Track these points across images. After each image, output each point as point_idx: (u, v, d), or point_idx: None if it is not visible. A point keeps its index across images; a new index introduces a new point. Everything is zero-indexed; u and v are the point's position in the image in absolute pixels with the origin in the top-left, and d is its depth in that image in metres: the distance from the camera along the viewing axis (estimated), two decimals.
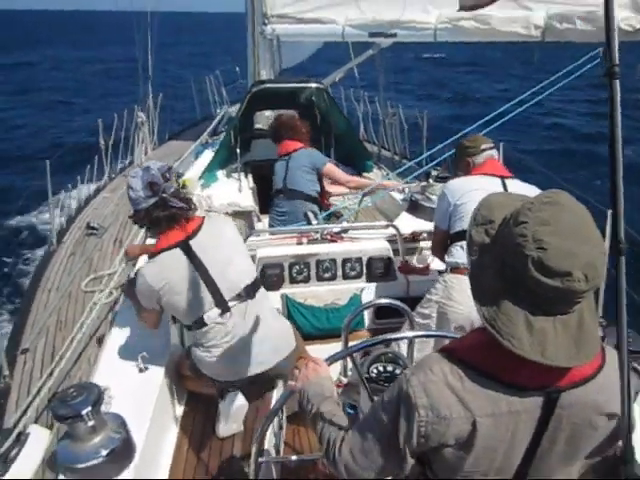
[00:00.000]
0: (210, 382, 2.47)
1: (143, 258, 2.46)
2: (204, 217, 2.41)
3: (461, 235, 2.60)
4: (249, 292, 2.37)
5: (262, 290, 2.49)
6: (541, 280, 0.97)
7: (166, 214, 2.27)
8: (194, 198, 4.68)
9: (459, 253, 2.62)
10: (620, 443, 1.14)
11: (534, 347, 1.00)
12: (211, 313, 2.31)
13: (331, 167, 4.25)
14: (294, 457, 2.21)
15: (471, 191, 2.61)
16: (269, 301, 2.56)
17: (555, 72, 3.87)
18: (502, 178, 2.74)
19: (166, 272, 2.28)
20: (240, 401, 2.43)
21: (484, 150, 2.84)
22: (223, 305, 2.31)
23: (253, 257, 2.99)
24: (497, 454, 1.11)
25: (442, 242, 2.88)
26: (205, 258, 2.29)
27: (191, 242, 2.30)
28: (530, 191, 2.72)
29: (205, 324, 2.32)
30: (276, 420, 2.20)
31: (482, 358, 1.09)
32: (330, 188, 4.38)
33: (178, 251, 2.29)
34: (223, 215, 2.54)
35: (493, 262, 1.06)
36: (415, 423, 1.09)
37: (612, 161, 0.91)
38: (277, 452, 2.30)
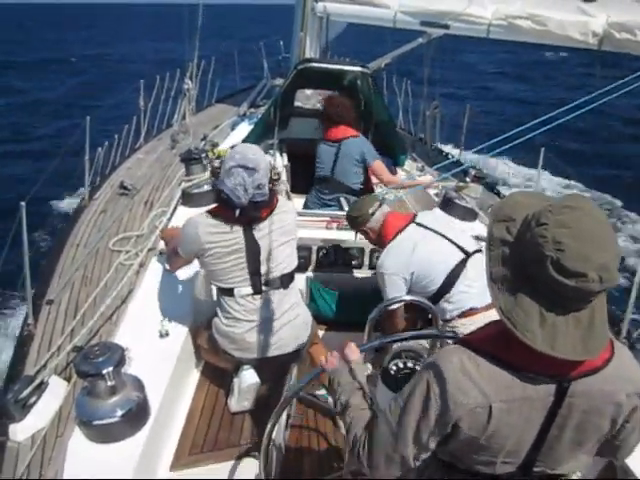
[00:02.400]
0: (225, 356, 2.50)
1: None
2: (274, 204, 2.38)
3: (442, 292, 2.58)
4: (284, 282, 2.41)
5: (295, 285, 2.53)
6: (558, 279, 1.03)
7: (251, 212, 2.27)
8: None
9: (465, 296, 2.56)
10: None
11: (545, 340, 1.06)
12: (243, 290, 2.35)
13: (379, 164, 4.13)
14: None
15: (411, 263, 2.60)
16: (297, 288, 2.58)
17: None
18: (413, 220, 2.76)
19: (218, 235, 2.28)
20: (253, 379, 2.46)
21: (372, 214, 2.78)
22: (257, 288, 2.36)
23: None
24: (509, 439, 1.18)
25: (398, 315, 2.74)
26: (259, 241, 2.31)
27: (254, 225, 2.31)
28: (438, 213, 2.91)
29: (233, 295, 2.36)
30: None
31: (497, 347, 1.16)
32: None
33: (237, 227, 2.29)
34: (290, 203, 2.54)
35: (513, 258, 1.12)
36: (433, 411, 1.17)
37: None
38: (286, 427, 2.33)
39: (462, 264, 2.61)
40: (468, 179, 3.67)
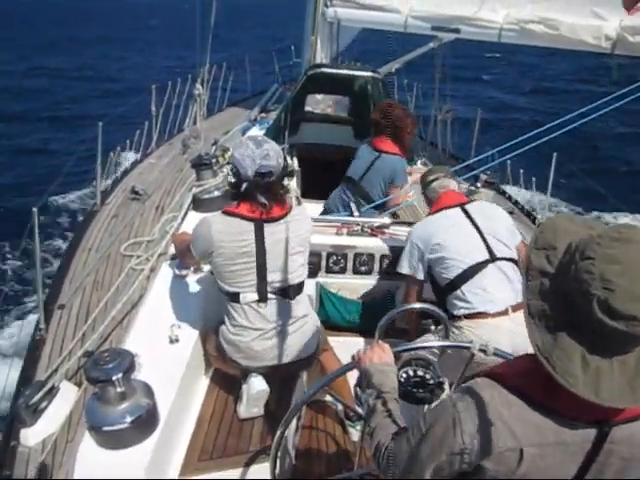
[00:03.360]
0: (233, 364, 2.50)
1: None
2: (288, 209, 2.37)
3: (457, 283, 2.58)
4: (293, 292, 2.38)
5: (305, 297, 2.51)
6: (605, 322, 0.93)
7: (257, 193, 2.26)
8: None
9: (477, 298, 2.53)
10: None
11: (588, 386, 0.97)
12: (248, 295, 2.33)
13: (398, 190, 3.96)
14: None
15: (442, 232, 2.66)
16: (306, 296, 2.56)
17: None
18: (461, 205, 2.77)
19: (230, 235, 2.26)
20: (262, 386, 2.45)
21: (431, 182, 2.87)
22: (262, 294, 2.33)
23: None
24: None
25: (418, 292, 2.85)
26: (270, 247, 2.29)
27: (265, 226, 2.28)
28: (495, 212, 2.81)
29: (239, 301, 2.34)
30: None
31: (532, 386, 1.07)
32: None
33: (250, 225, 2.27)
34: (306, 211, 2.52)
35: (554, 292, 1.03)
36: (459, 449, 1.09)
37: None
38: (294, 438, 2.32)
39: (484, 264, 2.58)
40: (479, 184, 3.64)
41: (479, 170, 3.67)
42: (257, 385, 2.44)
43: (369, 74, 5.04)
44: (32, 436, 2.40)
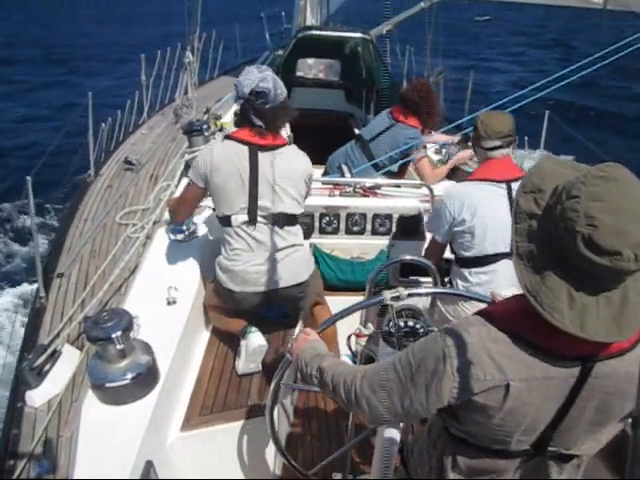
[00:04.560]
0: (228, 298, 2.58)
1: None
2: (284, 142, 2.51)
3: (468, 263, 2.51)
4: (282, 220, 2.48)
5: (298, 230, 2.59)
6: (590, 257, 0.95)
7: (251, 114, 2.38)
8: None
9: (479, 288, 2.45)
10: None
11: (574, 321, 1.00)
12: (239, 217, 2.44)
13: (422, 163, 3.91)
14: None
15: (476, 209, 2.45)
16: (299, 232, 2.63)
17: None
18: (508, 183, 2.47)
19: (227, 156, 2.40)
20: (259, 341, 2.52)
21: (493, 148, 2.50)
22: (252, 216, 2.44)
23: None
24: (525, 417, 1.13)
25: (441, 250, 2.74)
26: (262, 173, 2.41)
27: (260, 152, 2.40)
28: None
29: (230, 224, 2.46)
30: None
31: (520, 324, 1.09)
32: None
33: (245, 149, 2.40)
34: (304, 155, 2.60)
35: (540, 233, 1.04)
36: (448, 383, 1.11)
37: None
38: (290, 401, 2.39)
39: (502, 256, 2.45)
40: (470, 143, 3.65)
41: (470, 129, 3.67)
42: (255, 340, 2.51)
43: (359, 35, 4.99)
44: (37, 397, 2.47)
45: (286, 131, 5.04)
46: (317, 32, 4.98)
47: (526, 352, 1.07)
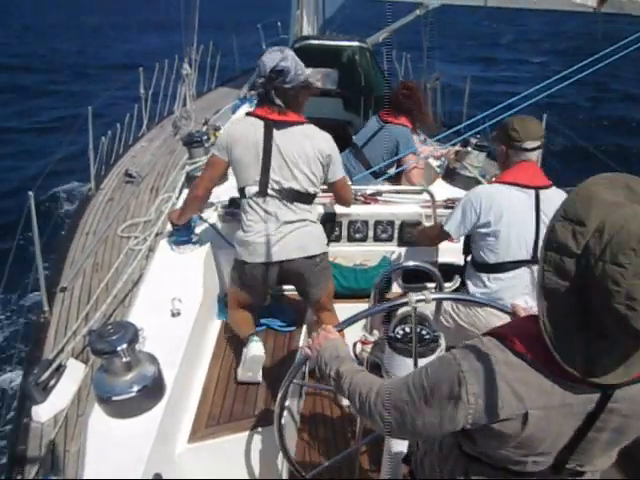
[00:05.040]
0: (242, 272, 2.63)
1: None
2: (301, 119, 2.54)
3: (487, 268, 2.47)
4: (291, 197, 2.52)
5: (311, 208, 2.63)
6: (619, 334, 0.91)
7: (272, 93, 2.43)
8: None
9: (496, 295, 2.42)
10: None
11: (585, 368, 0.98)
12: (251, 189, 2.51)
13: (413, 169, 3.93)
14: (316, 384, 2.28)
15: (503, 213, 2.40)
16: (312, 209, 2.65)
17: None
18: (537, 189, 2.42)
19: (244, 130, 2.48)
20: (257, 351, 2.54)
21: (525, 149, 2.43)
22: (263, 187, 2.49)
23: None
24: (543, 443, 1.10)
25: (439, 240, 2.75)
26: (276, 147, 2.46)
27: (275, 127, 2.46)
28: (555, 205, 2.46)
29: (245, 195, 2.54)
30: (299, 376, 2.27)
31: (536, 350, 1.05)
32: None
33: (261, 124, 2.46)
34: (327, 134, 2.61)
35: (572, 276, 0.95)
36: (464, 409, 1.08)
37: None
38: (298, 403, 2.39)
39: (521, 264, 2.43)
40: (469, 147, 3.67)
41: (468, 134, 3.69)
42: (254, 349, 2.53)
43: (356, 44, 5.02)
44: (44, 412, 2.47)
45: None
46: (314, 41, 5.02)
47: (544, 379, 1.04)
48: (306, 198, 2.56)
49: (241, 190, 2.57)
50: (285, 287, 3.22)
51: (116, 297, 2.96)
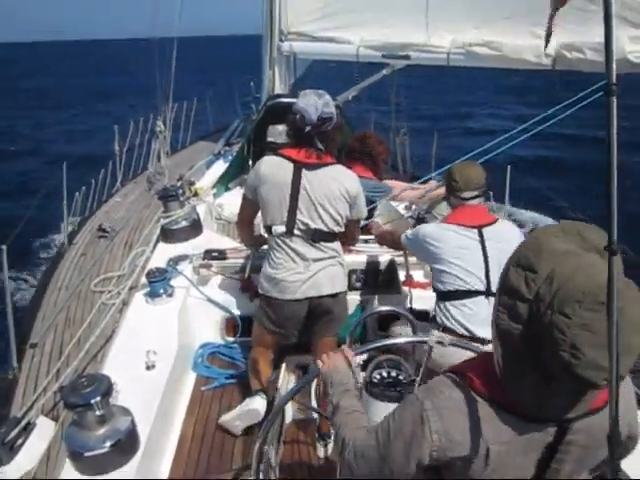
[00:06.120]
0: (268, 307, 2.70)
1: None
2: (333, 161, 2.61)
3: (446, 297, 2.60)
4: (317, 236, 2.58)
5: (337, 246, 2.69)
6: (564, 377, 0.96)
7: (301, 135, 2.53)
8: (205, 206, 4.80)
9: (458, 314, 2.56)
10: None
11: (534, 405, 1.04)
12: (278, 228, 2.57)
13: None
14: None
15: (445, 249, 2.59)
16: (336, 247, 2.70)
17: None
18: (480, 228, 2.62)
19: (273, 169, 2.55)
20: (259, 406, 2.55)
21: (464, 199, 2.68)
22: (289, 228, 2.56)
23: None
24: (507, 475, 1.12)
25: (397, 246, 3.05)
26: (303, 189, 2.52)
27: (304, 169, 2.52)
28: (511, 236, 2.61)
29: (271, 233, 2.61)
30: (277, 425, 2.25)
31: (493, 387, 1.09)
32: None
33: (290, 165, 2.53)
34: (353, 174, 2.69)
35: (524, 321, 1.00)
36: (428, 447, 1.10)
37: (608, 168, 0.87)
38: (277, 451, 2.35)
39: (477, 294, 2.56)
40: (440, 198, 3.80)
41: (436, 185, 3.82)
42: (256, 404, 2.54)
43: None
44: (9, 474, 2.37)
45: None
46: (286, 99, 5.19)
47: (503, 415, 1.08)
48: (332, 237, 2.65)
49: (268, 228, 2.64)
50: None
51: (88, 352, 2.91)
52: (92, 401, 1.96)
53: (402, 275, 3.41)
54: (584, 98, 3.90)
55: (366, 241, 3.65)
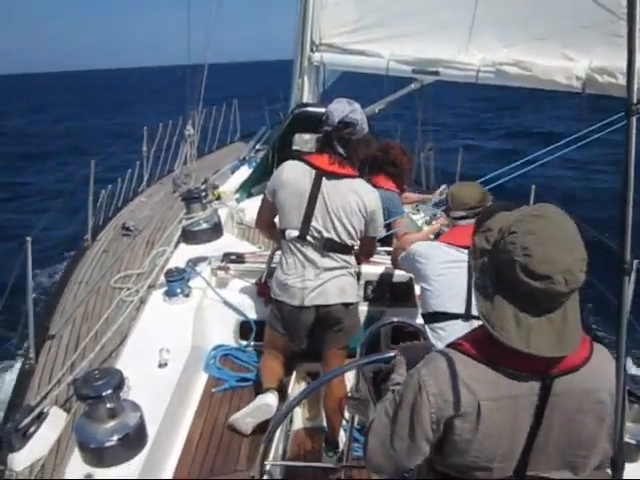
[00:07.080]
0: (277, 311, 2.72)
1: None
2: (354, 173, 2.63)
3: (426, 318, 2.54)
4: (329, 246, 2.59)
5: (349, 258, 2.69)
6: (527, 282, 1.12)
7: (335, 142, 2.54)
8: (226, 210, 4.85)
9: (434, 337, 2.44)
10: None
11: (521, 339, 1.15)
12: (292, 232, 2.59)
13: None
14: (299, 463, 2.26)
15: (433, 269, 2.52)
16: (352, 265, 2.72)
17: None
18: (468, 248, 2.60)
19: (295, 174, 2.58)
20: (271, 401, 2.56)
21: (454, 218, 2.62)
22: (302, 233, 2.57)
23: None
24: (500, 439, 1.22)
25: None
26: (322, 196, 2.53)
27: (324, 178, 2.54)
28: None
29: (285, 237, 2.61)
30: (284, 425, 2.26)
31: (483, 349, 1.23)
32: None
33: (312, 172, 2.55)
34: (374, 190, 2.71)
35: (490, 265, 1.22)
36: (427, 410, 1.23)
37: (624, 186, 0.92)
38: (283, 456, 2.36)
39: (456, 317, 2.45)
40: None
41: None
42: (268, 399, 2.56)
43: None
44: (20, 460, 2.41)
45: None
46: (313, 109, 5.23)
47: (490, 372, 1.20)
48: (344, 249, 2.65)
49: (282, 232, 2.66)
50: None
51: (104, 347, 2.95)
52: (103, 394, 1.99)
53: (418, 289, 3.39)
54: (611, 123, 3.86)
55: (388, 252, 3.65)
